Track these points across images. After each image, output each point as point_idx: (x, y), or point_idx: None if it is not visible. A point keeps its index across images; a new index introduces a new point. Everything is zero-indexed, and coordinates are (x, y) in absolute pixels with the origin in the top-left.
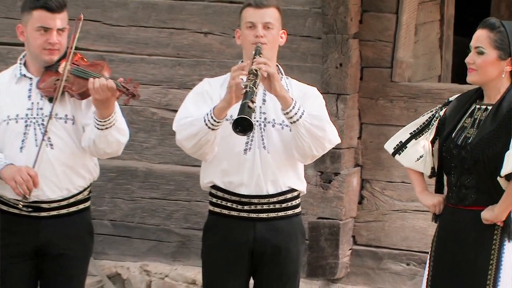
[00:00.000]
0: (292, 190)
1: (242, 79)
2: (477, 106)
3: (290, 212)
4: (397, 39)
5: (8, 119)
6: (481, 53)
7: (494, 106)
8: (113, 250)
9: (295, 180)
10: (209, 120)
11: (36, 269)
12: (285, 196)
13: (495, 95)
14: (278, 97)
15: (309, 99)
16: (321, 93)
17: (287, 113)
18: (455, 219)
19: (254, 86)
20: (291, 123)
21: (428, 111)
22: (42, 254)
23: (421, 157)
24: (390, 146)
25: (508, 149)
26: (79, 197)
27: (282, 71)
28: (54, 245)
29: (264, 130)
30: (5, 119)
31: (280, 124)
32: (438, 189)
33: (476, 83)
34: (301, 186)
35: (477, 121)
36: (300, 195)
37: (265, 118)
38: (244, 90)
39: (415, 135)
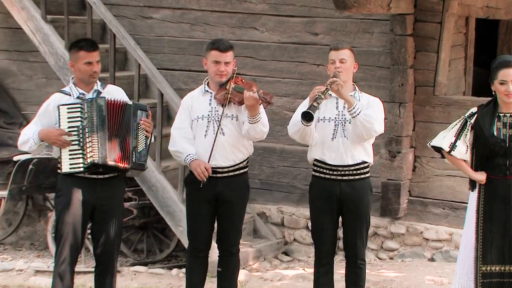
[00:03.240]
0: (364, 162)
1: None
2: (501, 114)
3: (363, 176)
4: (437, 69)
5: (197, 118)
6: None
7: None
8: (260, 198)
9: (365, 155)
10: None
11: (214, 210)
12: (359, 165)
13: (510, 107)
14: (344, 100)
15: (371, 106)
16: (389, 102)
17: (350, 110)
18: (507, 184)
19: (322, 95)
20: (352, 117)
21: (457, 120)
22: (217, 199)
23: (467, 149)
24: (445, 145)
25: None
26: (241, 165)
27: (357, 88)
28: (225, 194)
29: (344, 125)
30: (196, 118)
31: None
32: (475, 170)
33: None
34: (370, 159)
35: (508, 123)
36: (369, 165)
37: (345, 119)
38: (315, 97)
39: (458, 136)
